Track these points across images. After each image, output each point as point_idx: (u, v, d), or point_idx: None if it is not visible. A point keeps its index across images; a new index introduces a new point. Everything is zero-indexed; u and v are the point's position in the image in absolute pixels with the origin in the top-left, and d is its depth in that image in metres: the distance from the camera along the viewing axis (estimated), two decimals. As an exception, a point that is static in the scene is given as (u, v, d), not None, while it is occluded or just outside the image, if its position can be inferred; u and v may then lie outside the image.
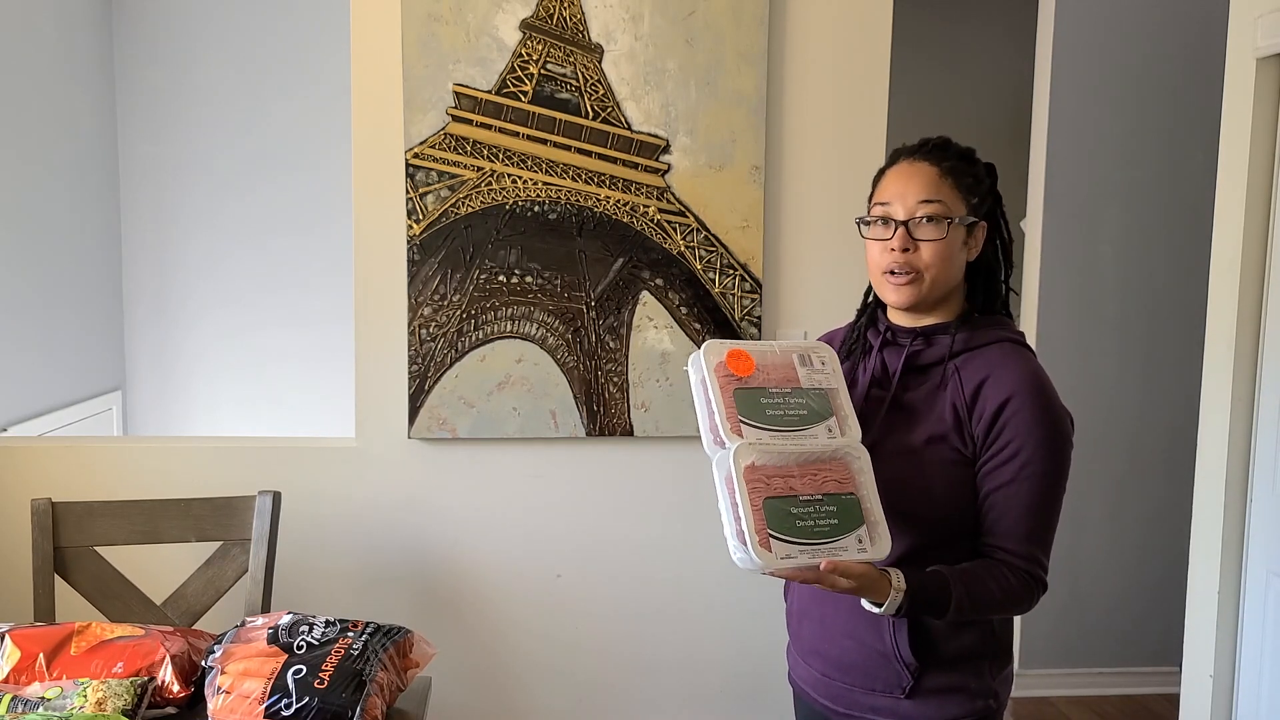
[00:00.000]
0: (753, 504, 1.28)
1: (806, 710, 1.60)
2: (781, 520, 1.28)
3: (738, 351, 1.39)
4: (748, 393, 1.37)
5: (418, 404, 2.23)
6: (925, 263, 1.42)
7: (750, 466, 1.30)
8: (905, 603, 1.33)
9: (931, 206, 1.41)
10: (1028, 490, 1.38)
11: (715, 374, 1.37)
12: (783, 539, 1.27)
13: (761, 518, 1.27)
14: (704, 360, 1.38)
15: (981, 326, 1.47)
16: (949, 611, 1.35)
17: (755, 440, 1.33)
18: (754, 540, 1.26)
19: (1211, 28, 3.04)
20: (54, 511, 2.01)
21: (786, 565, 1.27)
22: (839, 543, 1.30)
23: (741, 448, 1.31)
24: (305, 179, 4.25)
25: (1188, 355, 3.16)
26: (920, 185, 1.42)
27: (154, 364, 4.38)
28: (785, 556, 1.27)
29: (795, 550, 1.27)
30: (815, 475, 1.33)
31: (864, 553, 1.31)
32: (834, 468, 1.35)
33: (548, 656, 2.35)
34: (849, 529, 1.32)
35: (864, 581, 1.30)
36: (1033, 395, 1.39)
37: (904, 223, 1.42)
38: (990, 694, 1.47)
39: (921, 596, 1.34)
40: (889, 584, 1.32)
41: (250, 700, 1.50)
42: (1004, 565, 1.39)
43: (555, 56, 2.19)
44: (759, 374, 1.39)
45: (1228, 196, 2.43)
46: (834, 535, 1.30)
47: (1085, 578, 3.47)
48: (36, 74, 3.67)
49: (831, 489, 1.33)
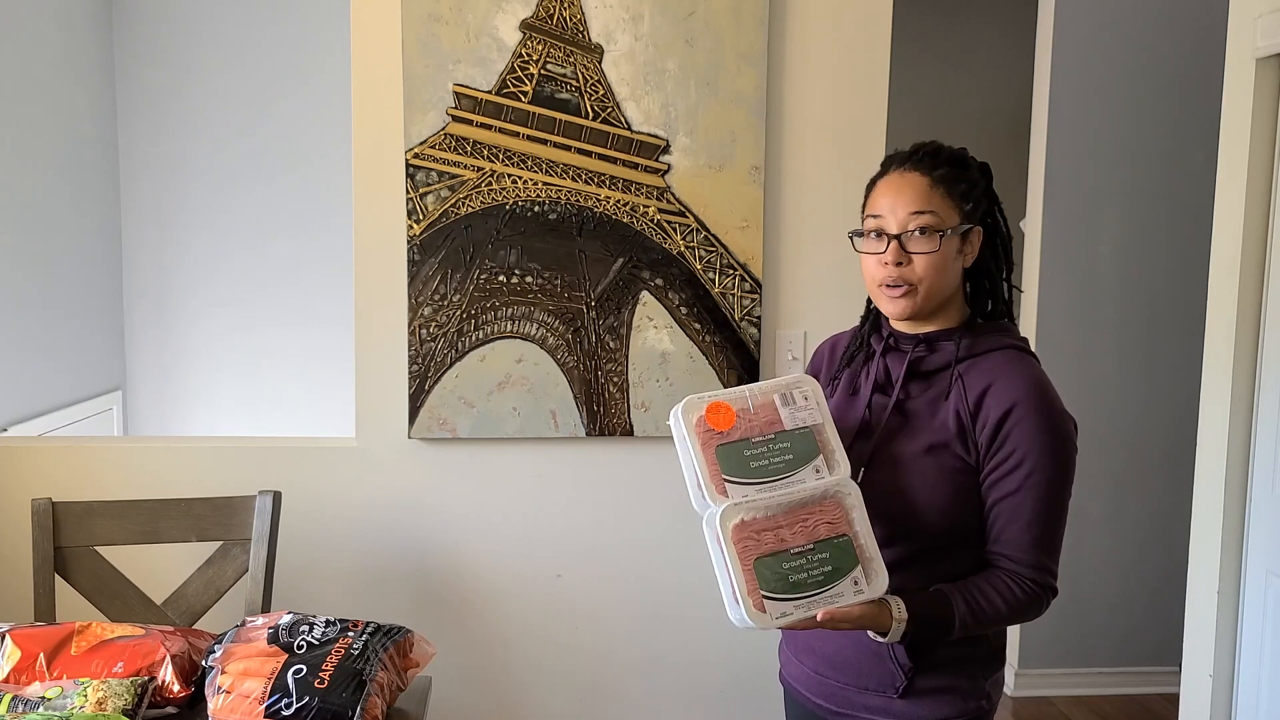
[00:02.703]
0: (743, 565, 1.29)
1: (797, 710, 1.60)
2: (774, 579, 1.29)
3: (716, 405, 1.37)
4: (729, 447, 1.35)
5: (418, 404, 2.23)
6: (918, 276, 1.41)
7: (739, 525, 1.31)
8: (909, 630, 1.34)
9: (923, 218, 1.40)
10: (1034, 499, 1.38)
11: (695, 432, 1.35)
12: (776, 598, 1.28)
13: (753, 578, 1.28)
14: (682, 419, 1.36)
15: (984, 333, 1.46)
16: (954, 630, 1.36)
17: (741, 499, 1.32)
18: (747, 603, 1.27)
19: (1211, 28, 3.04)
20: (54, 511, 2.01)
21: (783, 623, 1.29)
22: (835, 589, 1.31)
23: (728, 509, 1.31)
24: (305, 179, 4.25)
25: (1188, 355, 3.16)
26: (911, 197, 1.41)
27: (154, 364, 4.39)
28: (780, 615, 1.28)
29: (790, 607, 1.29)
30: (805, 521, 1.33)
31: (861, 594, 1.32)
32: (825, 509, 1.35)
33: (547, 656, 2.35)
34: (844, 573, 1.32)
35: (865, 621, 1.33)
36: (1036, 403, 1.38)
37: (896, 236, 1.41)
38: (983, 695, 1.47)
39: (924, 621, 1.35)
40: (890, 615, 1.34)
41: (250, 700, 1.50)
42: (1009, 576, 1.39)
43: (555, 57, 2.19)
44: (740, 424, 1.37)
45: (1228, 196, 2.43)
46: (829, 582, 1.31)
47: (1085, 578, 3.47)
48: (37, 74, 3.67)
49: (823, 533, 1.33)
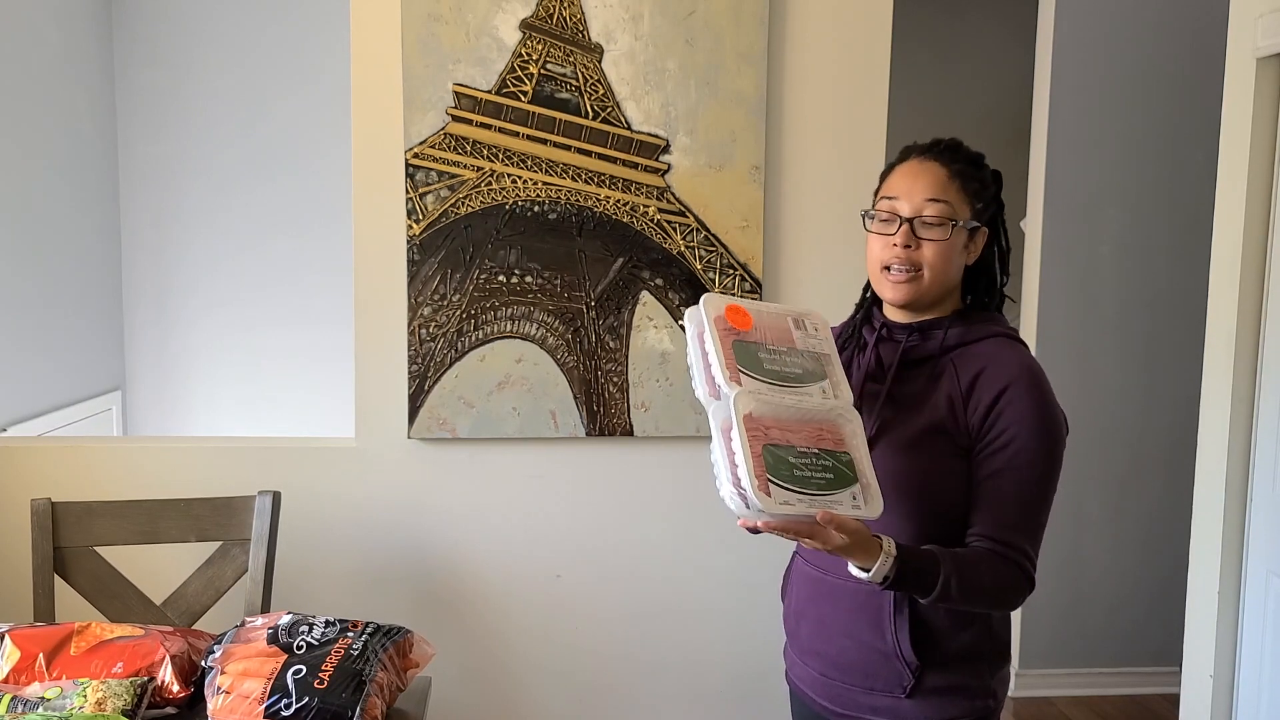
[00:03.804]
0: (753, 450, 1.26)
1: (803, 711, 1.59)
2: (780, 467, 1.27)
3: (736, 306, 1.39)
4: (746, 345, 1.36)
5: (417, 404, 2.23)
6: (926, 260, 1.42)
7: (749, 415, 1.29)
8: (894, 570, 1.30)
9: (937, 206, 1.42)
10: (1017, 480, 1.37)
11: (715, 326, 1.36)
12: (781, 485, 1.26)
13: (761, 463, 1.26)
14: (704, 311, 1.37)
15: (976, 322, 1.47)
16: (935, 589, 1.33)
17: (754, 390, 1.32)
18: (753, 484, 1.24)
19: (1211, 28, 3.04)
20: (54, 511, 2.01)
21: (784, 511, 1.25)
22: (835, 496, 1.29)
23: (741, 394, 1.30)
24: (305, 179, 4.25)
25: (1188, 355, 3.16)
26: (928, 184, 1.43)
27: (154, 364, 4.38)
28: (784, 503, 1.25)
29: (794, 498, 1.26)
30: (810, 432, 1.33)
31: (858, 510, 1.29)
32: (828, 428, 1.34)
33: (547, 656, 2.35)
34: (844, 485, 1.30)
35: (857, 539, 1.28)
36: (1029, 385, 1.39)
37: (909, 220, 1.42)
38: (990, 694, 1.47)
39: (911, 567, 1.31)
40: (880, 547, 1.30)
41: (250, 700, 1.50)
42: (996, 555, 1.37)
43: (555, 56, 2.19)
44: (757, 330, 1.39)
45: (1228, 196, 2.43)
46: (830, 489, 1.29)
47: (1086, 578, 3.47)
48: (36, 74, 3.67)
49: (828, 445, 1.33)
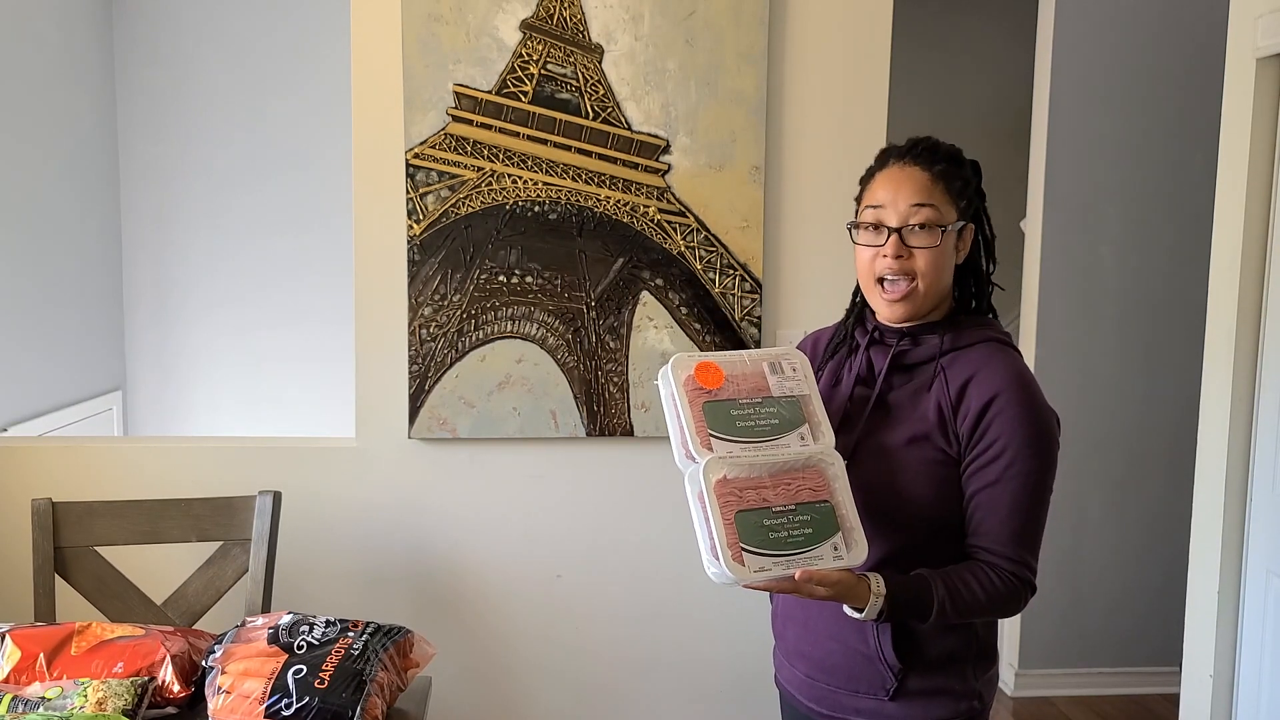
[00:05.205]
0: (724, 518, 1.28)
1: (792, 713, 1.60)
2: (754, 533, 1.28)
3: (706, 364, 1.38)
4: (717, 405, 1.36)
5: (418, 404, 2.23)
6: (919, 269, 1.41)
7: (721, 480, 1.30)
8: (886, 607, 1.32)
9: (924, 212, 1.40)
10: (1013, 490, 1.37)
11: (684, 389, 1.36)
12: (756, 552, 1.27)
13: (734, 531, 1.27)
14: (671, 375, 1.37)
15: (967, 327, 1.46)
16: (932, 615, 1.35)
17: (725, 454, 1.32)
18: (726, 555, 1.26)
19: (1211, 28, 3.04)
20: (54, 511, 2.01)
21: (760, 578, 1.27)
22: (814, 551, 1.30)
23: (711, 462, 1.31)
24: (305, 179, 4.25)
25: (1188, 355, 3.16)
26: (912, 189, 1.41)
27: (154, 364, 4.39)
28: (759, 570, 1.27)
29: (769, 563, 1.28)
30: (788, 485, 1.33)
31: (840, 560, 1.31)
32: (807, 476, 1.35)
33: (547, 656, 2.35)
34: (824, 537, 1.31)
35: (841, 588, 1.30)
36: (1018, 394, 1.38)
37: (897, 230, 1.41)
38: (975, 695, 1.46)
39: (902, 600, 1.33)
40: (868, 589, 1.32)
41: (250, 700, 1.50)
42: (989, 568, 1.38)
43: (555, 57, 2.19)
44: (729, 385, 1.38)
45: (1228, 196, 2.43)
46: (809, 545, 1.30)
47: (1085, 578, 3.47)
48: (36, 74, 3.67)
49: (805, 498, 1.33)
